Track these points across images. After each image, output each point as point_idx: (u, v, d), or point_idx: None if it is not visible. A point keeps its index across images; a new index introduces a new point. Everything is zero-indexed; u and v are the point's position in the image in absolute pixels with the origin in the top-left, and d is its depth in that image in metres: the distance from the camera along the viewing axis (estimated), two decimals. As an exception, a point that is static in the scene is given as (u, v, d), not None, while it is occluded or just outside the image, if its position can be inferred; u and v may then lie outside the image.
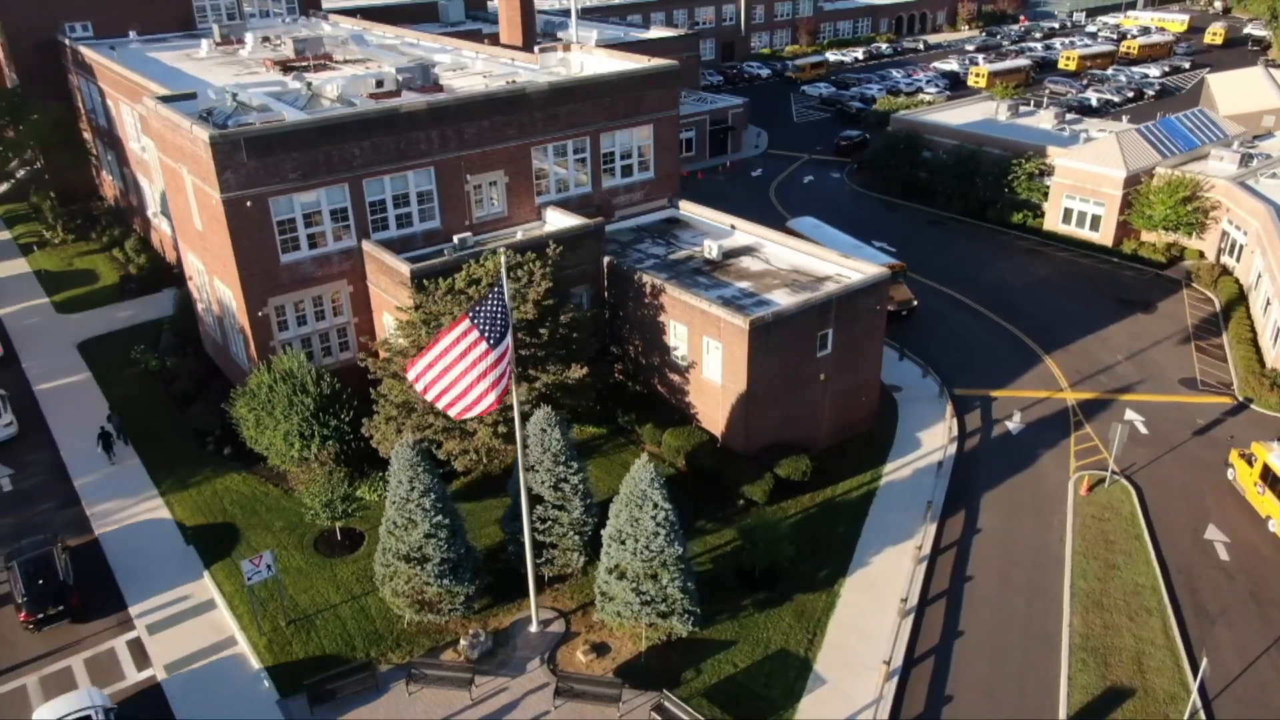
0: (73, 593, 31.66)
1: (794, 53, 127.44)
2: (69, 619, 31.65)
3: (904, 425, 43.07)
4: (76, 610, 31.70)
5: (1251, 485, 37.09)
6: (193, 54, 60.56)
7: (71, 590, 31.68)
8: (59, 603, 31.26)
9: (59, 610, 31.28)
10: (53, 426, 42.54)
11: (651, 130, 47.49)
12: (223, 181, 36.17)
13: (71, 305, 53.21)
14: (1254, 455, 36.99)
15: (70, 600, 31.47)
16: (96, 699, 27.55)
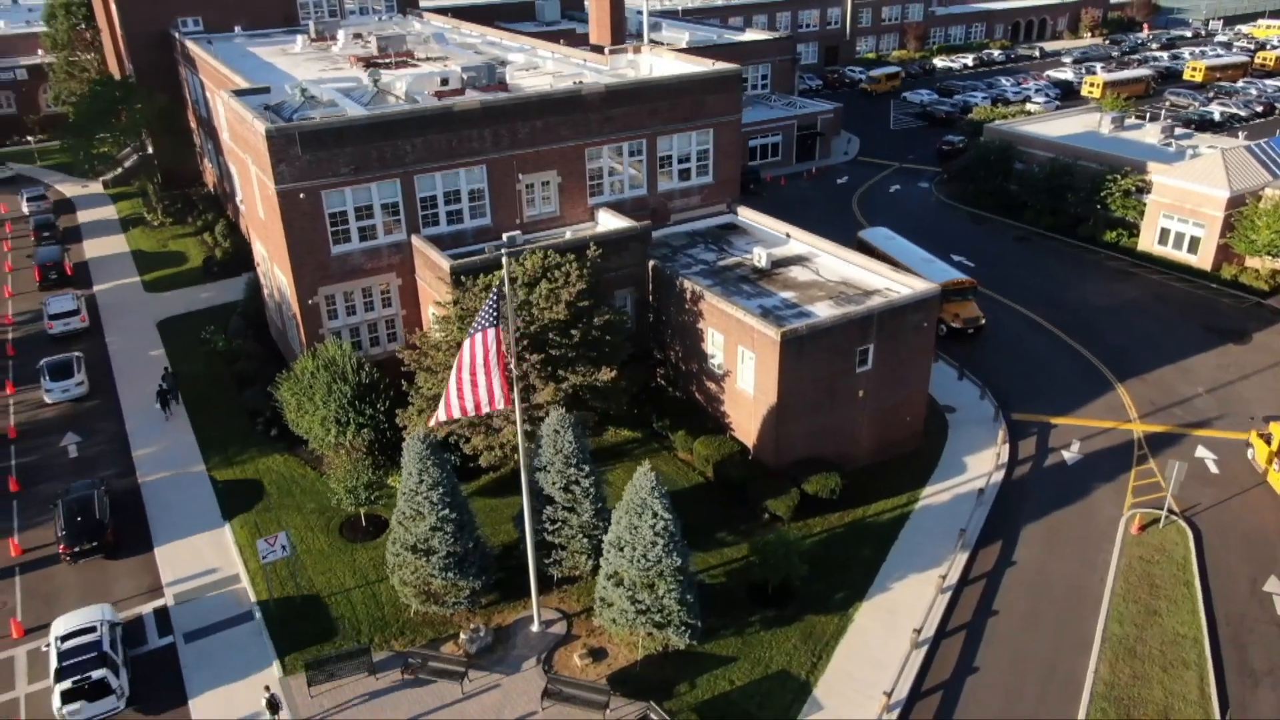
0: (106, 530, 34.56)
1: (899, 59, 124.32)
2: (102, 554, 34.55)
3: (952, 448, 41.48)
4: (109, 546, 34.61)
5: (1267, 462, 37.05)
6: (288, 49, 63.14)
7: (106, 528, 34.59)
8: (93, 539, 34.32)
9: (93, 545, 34.33)
10: (120, 392, 45.60)
11: (712, 134, 47.06)
12: (277, 173, 37.59)
13: (159, 285, 56.33)
14: (1271, 434, 36.49)
15: (104, 537, 34.41)
16: (107, 615, 30.75)
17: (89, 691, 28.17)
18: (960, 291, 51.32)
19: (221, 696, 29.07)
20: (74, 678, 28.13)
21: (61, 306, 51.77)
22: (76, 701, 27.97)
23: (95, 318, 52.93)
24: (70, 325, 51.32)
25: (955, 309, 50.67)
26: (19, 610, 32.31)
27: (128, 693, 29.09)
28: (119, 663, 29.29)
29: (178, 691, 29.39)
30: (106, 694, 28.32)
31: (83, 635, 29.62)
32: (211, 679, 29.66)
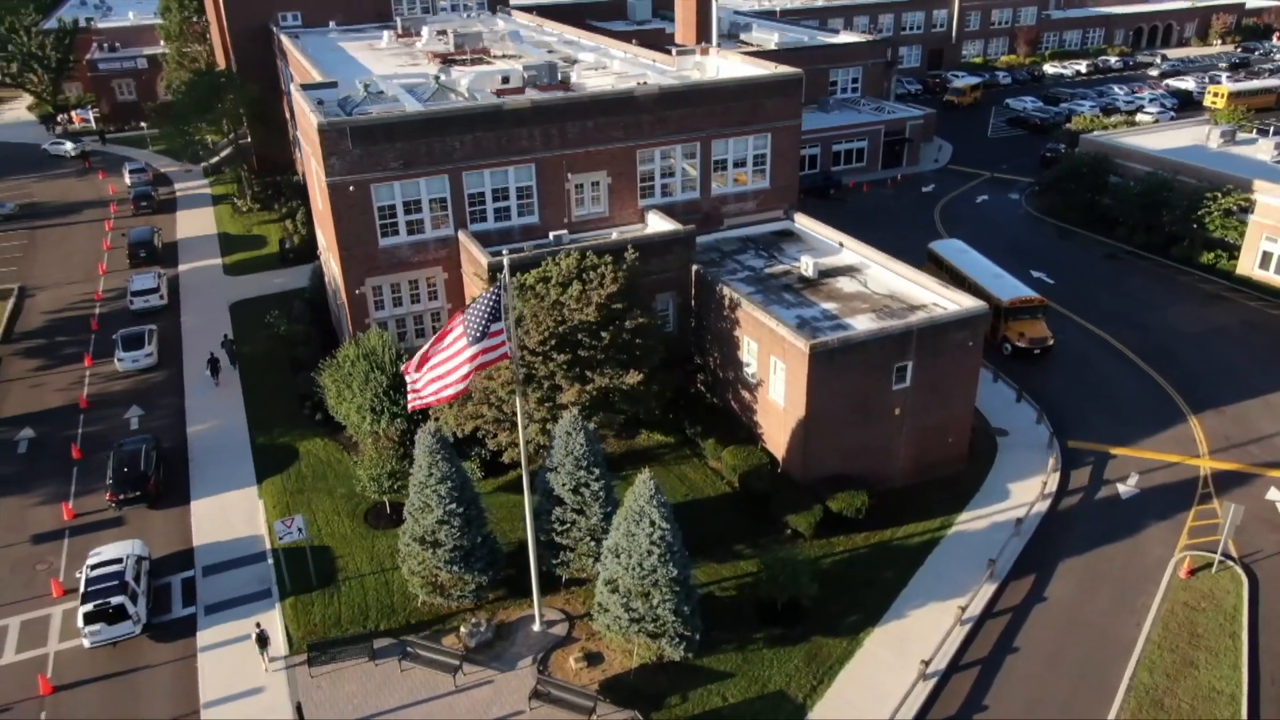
0: (149, 481, 37.48)
1: (1007, 64, 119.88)
2: (145, 503, 37.57)
3: (997, 472, 39.76)
4: (151, 496, 37.55)
5: None
6: (375, 44, 65.00)
7: (148, 479, 37.52)
8: (136, 489, 37.45)
9: (135, 494, 37.43)
10: (185, 367, 48.52)
11: (769, 139, 46.28)
12: (328, 165, 38.73)
13: (237, 268, 58.92)
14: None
15: (146, 487, 37.43)
16: (137, 549, 33.56)
17: (108, 615, 30.67)
18: (1028, 310, 49.10)
19: (226, 629, 31.83)
20: (96, 601, 30.66)
21: (143, 284, 55.07)
22: (97, 623, 30.59)
23: (175, 296, 55.80)
24: (150, 302, 54.52)
25: (1021, 328, 48.54)
26: (62, 572, 34.26)
27: (144, 620, 31.52)
28: (139, 592, 31.73)
29: (189, 620, 32.26)
30: (124, 619, 30.88)
31: (110, 565, 32.32)
32: (219, 616, 32.31)
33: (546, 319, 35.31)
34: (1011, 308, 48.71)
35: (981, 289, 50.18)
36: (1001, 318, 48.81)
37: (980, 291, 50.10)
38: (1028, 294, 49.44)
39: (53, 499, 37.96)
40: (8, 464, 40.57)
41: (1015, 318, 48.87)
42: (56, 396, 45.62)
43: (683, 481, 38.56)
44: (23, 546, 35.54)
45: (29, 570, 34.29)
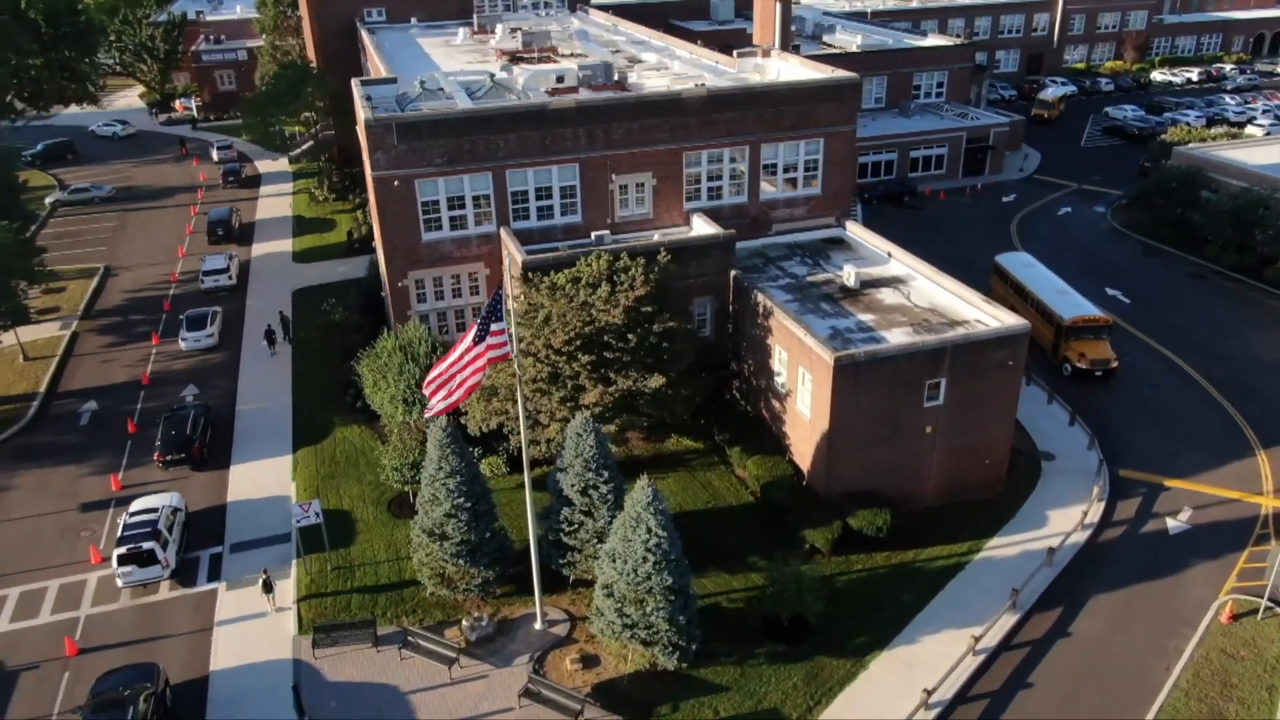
0: (194, 445, 40.29)
1: (1111, 70, 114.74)
2: (189, 465, 40.22)
3: (1037, 498, 38.16)
4: (196, 459, 40.28)
5: None
6: (450, 41, 66.27)
7: (193, 443, 40.34)
8: (181, 450, 40.31)
9: (181, 456, 40.25)
10: (244, 347, 50.83)
11: (822, 144, 45.37)
12: (374, 160, 39.68)
13: (305, 255, 60.96)
14: None
15: (191, 450, 40.25)
16: (174, 501, 36.42)
17: (139, 558, 33.18)
18: (1092, 329, 46.90)
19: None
20: (129, 545, 33.25)
21: (214, 265, 57.99)
22: (129, 565, 33.20)
23: (245, 277, 58.19)
24: (219, 282, 57.28)
25: (1082, 348, 46.43)
26: (102, 540, 36.02)
27: (173, 565, 34.02)
28: (170, 540, 34.27)
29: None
30: (153, 563, 33.40)
31: (147, 514, 34.94)
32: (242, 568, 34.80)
33: (574, 319, 35.40)
34: (1074, 326, 46.64)
35: (1044, 305, 48.31)
36: (1063, 337, 46.83)
37: (1043, 308, 48.29)
38: (1093, 312, 47.28)
39: (104, 470, 39.95)
40: (69, 434, 42.92)
41: (1078, 337, 46.77)
42: (122, 372, 48.01)
43: (706, 488, 38.20)
44: (72, 514, 37.54)
45: (74, 536, 36.20)
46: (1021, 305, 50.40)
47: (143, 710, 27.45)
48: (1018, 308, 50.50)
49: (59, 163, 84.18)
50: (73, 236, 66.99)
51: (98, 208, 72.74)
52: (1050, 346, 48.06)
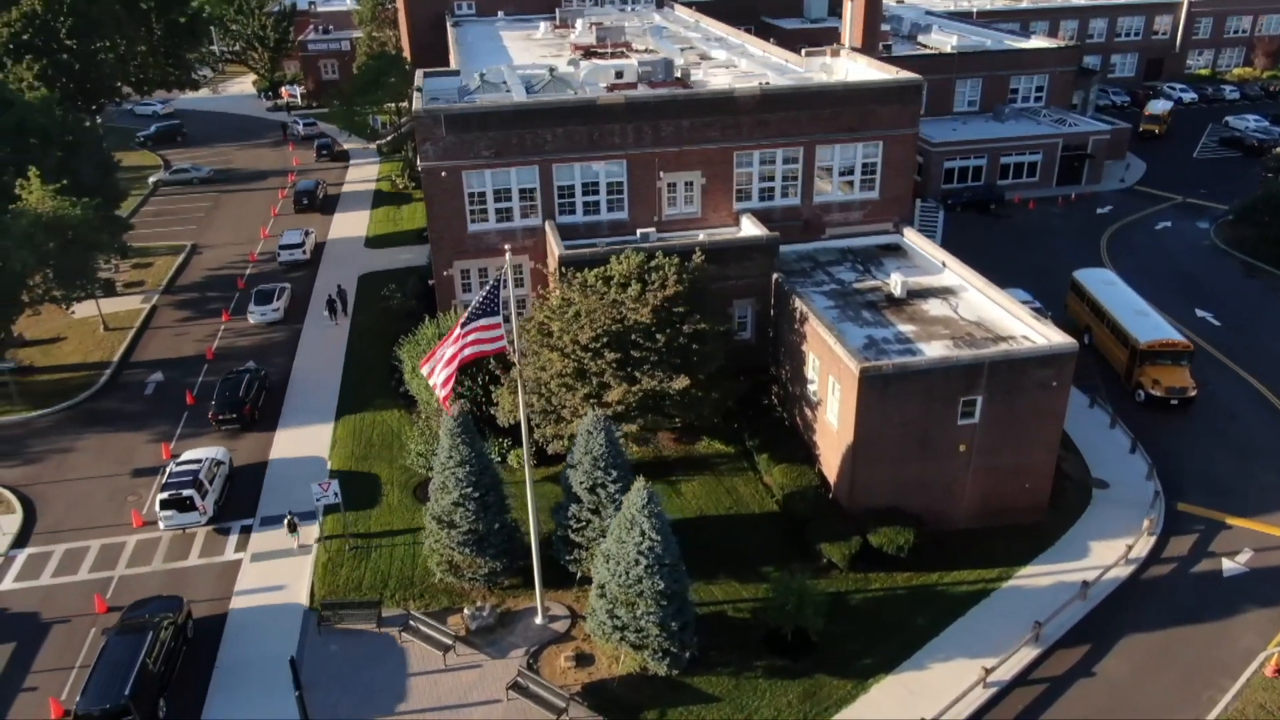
0: (245, 406, 42.71)
1: (1238, 77, 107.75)
2: (239, 425, 42.61)
3: (1082, 527, 36.18)
4: (246, 419, 42.76)
5: None
6: (531, 35, 66.98)
7: (245, 405, 42.74)
8: (233, 411, 42.69)
9: (233, 416, 42.68)
10: (305, 324, 52.94)
11: (881, 148, 44.00)
12: (423, 151, 40.41)
13: (376, 242, 62.76)
14: None
15: (242, 411, 42.64)
16: (217, 454, 39.00)
17: (179, 504, 35.65)
18: (1170, 354, 43.91)
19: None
20: (170, 492, 35.72)
21: (290, 240, 61.15)
22: (169, 510, 35.78)
23: (318, 255, 61.30)
24: (294, 256, 60.30)
25: (1157, 374, 43.58)
26: (145, 505, 37.77)
27: (210, 513, 36.50)
28: (209, 489, 36.66)
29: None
30: (191, 509, 35.84)
31: (191, 464, 37.46)
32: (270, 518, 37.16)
33: (602, 317, 35.28)
34: (1150, 350, 43.83)
35: (1120, 326, 45.64)
36: (1137, 361, 44.05)
37: (1118, 329, 45.61)
38: (1172, 336, 44.39)
39: (160, 438, 41.90)
40: (133, 403, 45.22)
41: (1153, 362, 43.95)
42: (191, 346, 50.29)
43: (730, 494, 37.57)
44: (123, 478, 39.52)
45: (121, 500, 38.10)
46: (1097, 325, 47.93)
47: (163, 637, 29.67)
48: (1093, 327, 48.15)
49: (169, 144, 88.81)
50: (169, 215, 70.58)
51: (195, 188, 76.44)
52: (1124, 370, 45.40)
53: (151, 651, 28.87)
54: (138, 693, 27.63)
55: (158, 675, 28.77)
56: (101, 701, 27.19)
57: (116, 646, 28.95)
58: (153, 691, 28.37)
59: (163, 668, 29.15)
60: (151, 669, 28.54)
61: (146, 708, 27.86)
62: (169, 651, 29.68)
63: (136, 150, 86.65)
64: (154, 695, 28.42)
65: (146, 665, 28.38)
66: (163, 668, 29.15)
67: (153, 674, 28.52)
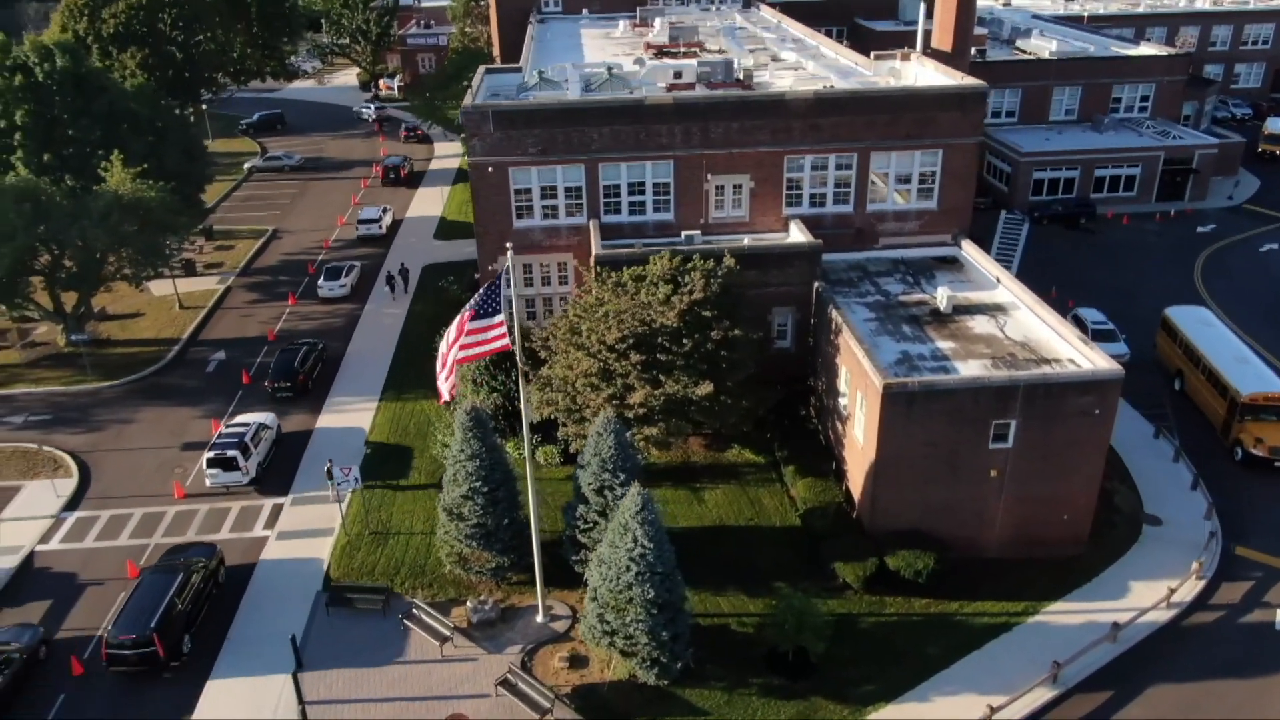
0: (299, 377, 45.22)
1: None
2: (293, 393, 45.01)
3: (1124, 565, 34.16)
4: (299, 388, 45.28)
5: None
6: (610, 33, 67.11)
7: (299, 375, 45.28)
8: (287, 379, 45.21)
9: (287, 385, 45.12)
10: (369, 298, 55.70)
11: (940, 156, 42.42)
12: (470, 146, 40.95)
13: (442, 234, 64.07)
14: None
15: (296, 380, 45.17)
16: (265, 420, 41.28)
17: (223, 463, 37.95)
18: (1277, 410, 39.49)
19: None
20: (216, 451, 38.17)
21: (369, 214, 64.84)
22: (215, 468, 38.08)
23: (395, 232, 64.68)
24: (371, 230, 64.22)
25: (1261, 431, 39.23)
26: (189, 479, 39.40)
27: (253, 475, 38.63)
28: (253, 452, 38.87)
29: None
30: (235, 469, 38.08)
31: (239, 428, 39.77)
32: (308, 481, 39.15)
33: (630, 318, 35.08)
34: (1252, 404, 39.45)
35: (1218, 374, 41.44)
36: (1237, 414, 39.81)
37: (1215, 377, 41.63)
38: (1279, 390, 40.10)
39: (213, 414, 43.65)
40: (194, 379, 47.30)
41: (1256, 417, 39.44)
42: (256, 327, 52.29)
43: (753, 505, 36.87)
44: (173, 451, 41.34)
45: (168, 472, 39.85)
46: (1190, 370, 43.74)
47: (194, 580, 31.90)
48: (1186, 373, 44.02)
49: (269, 132, 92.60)
50: (258, 200, 73.61)
51: (286, 175, 79.49)
52: (1221, 424, 41.18)
53: (181, 591, 31.15)
54: (163, 627, 29.86)
55: (185, 613, 30.97)
56: (129, 631, 29.51)
57: (149, 584, 31.35)
58: (178, 628, 30.52)
59: (190, 607, 31.34)
60: (179, 607, 30.82)
61: (171, 642, 30.02)
62: (198, 593, 31.92)
63: (239, 137, 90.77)
64: (179, 631, 30.56)
65: (174, 603, 30.67)
66: (190, 607, 31.34)
67: (180, 612, 30.78)
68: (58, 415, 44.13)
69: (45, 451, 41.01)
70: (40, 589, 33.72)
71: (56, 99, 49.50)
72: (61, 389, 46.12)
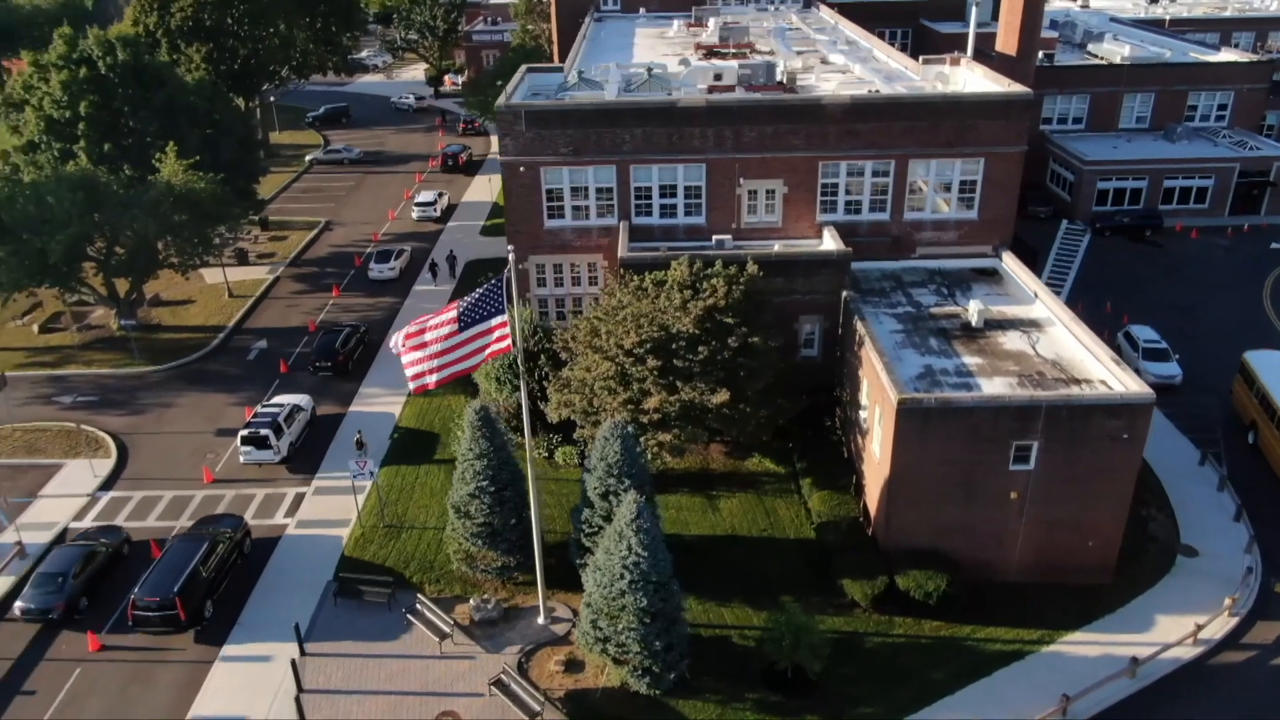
0: (339, 357, 46.92)
1: None
2: (333, 372, 46.84)
3: (1152, 597, 32.77)
4: (339, 368, 46.94)
5: None
6: (665, 33, 66.86)
7: (338, 355, 47.00)
8: (328, 359, 47.11)
9: (328, 365, 47.00)
10: (415, 284, 57.41)
11: (982, 165, 41.19)
12: (503, 146, 41.16)
13: (489, 231, 64.53)
14: None
15: (336, 360, 46.92)
16: (300, 402, 42.73)
17: (256, 441, 39.56)
18: None
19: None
20: (249, 429, 39.74)
21: (425, 198, 68.38)
22: (248, 446, 39.62)
23: (449, 216, 67.33)
24: (427, 213, 67.59)
25: None
26: (220, 464, 40.46)
27: (284, 454, 40.10)
28: (285, 431, 40.33)
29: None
30: (267, 447, 39.66)
31: (274, 408, 41.36)
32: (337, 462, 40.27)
33: (647, 323, 34.88)
34: None
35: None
36: None
37: None
38: None
39: (249, 401, 44.68)
40: (235, 367, 48.55)
41: None
42: (299, 317, 53.44)
43: (769, 516, 36.35)
44: (207, 436, 42.51)
45: (200, 457, 40.98)
46: (1265, 425, 39.65)
47: (220, 549, 33.46)
48: (1260, 426, 40.11)
49: (334, 125, 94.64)
50: (315, 192, 75.26)
51: (345, 168, 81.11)
52: None
53: (206, 559, 32.63)
54: (185, 591, 31.34)
55: (208, 580, 32.47)
56: (154, 594, 31.11)
57: (176, 550, 32.97)
58: (200, 593, 32.00)
59: (214, 574, 32.79)
60: (203, 574, 32.30)
61: (193, 606, 31.52)
62: (222, 561, 33.37)
63: (305, 129, 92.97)
64: (202, 596, 32.06)
65: (199, 570, 32.15)
66: (214, 574, 32.79)
67: (204, 578, 32.27)
68: (104, 397, 45.75)
69: (85, 431, 42.52)
70: (70, 565, 34.93)
71: (118, 91, 51.27)
72: (109, 372, 47.82)
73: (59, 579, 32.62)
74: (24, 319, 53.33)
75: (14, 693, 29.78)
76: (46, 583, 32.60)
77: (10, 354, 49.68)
